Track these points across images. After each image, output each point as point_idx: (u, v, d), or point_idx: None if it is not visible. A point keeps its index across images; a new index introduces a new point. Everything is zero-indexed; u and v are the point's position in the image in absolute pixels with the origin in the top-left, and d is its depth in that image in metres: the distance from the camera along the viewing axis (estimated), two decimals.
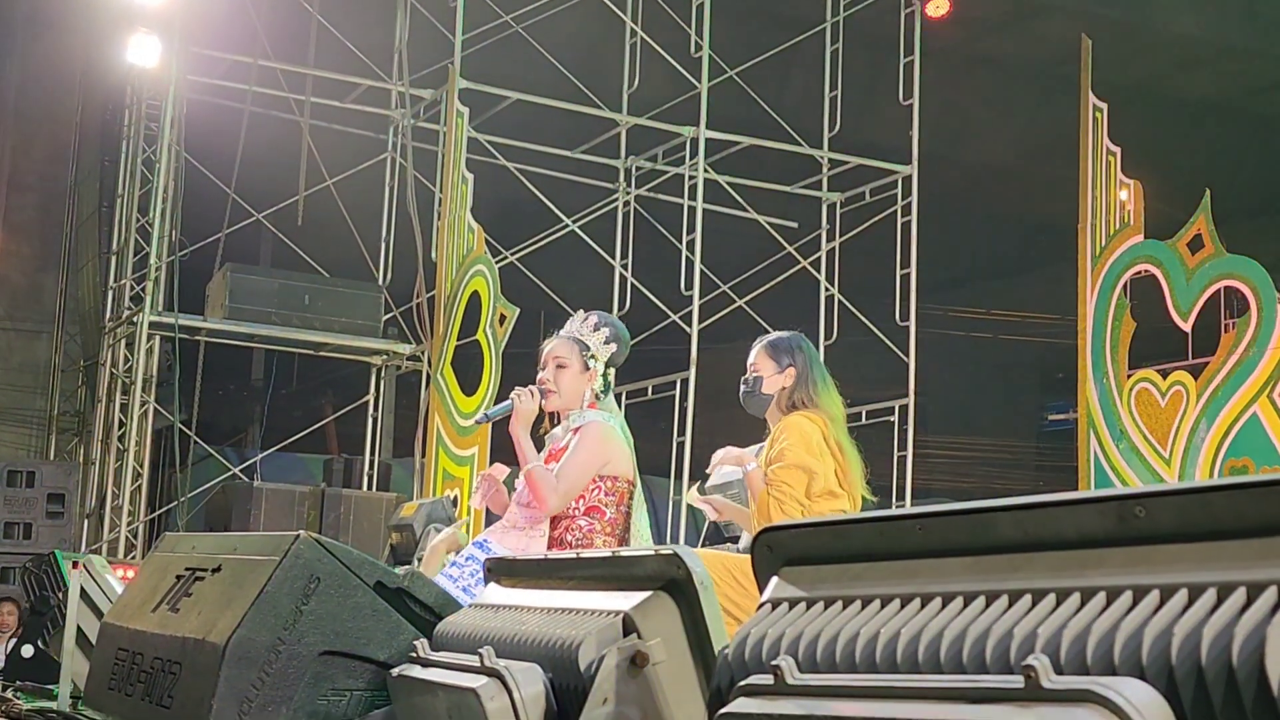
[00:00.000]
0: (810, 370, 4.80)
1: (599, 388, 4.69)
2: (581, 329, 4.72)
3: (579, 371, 4.65)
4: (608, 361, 4.69)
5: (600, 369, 4.67)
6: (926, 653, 1.37)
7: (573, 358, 4.66)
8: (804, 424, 4.64)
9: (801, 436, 4.60)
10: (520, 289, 10.21)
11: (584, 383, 4.66)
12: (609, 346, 4.69)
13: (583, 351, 4.67)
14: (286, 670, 2.58)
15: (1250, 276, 8.45)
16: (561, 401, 4.68)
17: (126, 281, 11.23)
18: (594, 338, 4.69)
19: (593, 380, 4.66)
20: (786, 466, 4.55)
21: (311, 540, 2.66)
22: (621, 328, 4.83)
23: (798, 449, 4.57)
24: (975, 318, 20.35)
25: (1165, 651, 1.17)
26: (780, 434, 4.65)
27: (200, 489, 11.20)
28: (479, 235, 9.60)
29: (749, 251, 12.17)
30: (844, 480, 4.70)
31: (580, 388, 4.65)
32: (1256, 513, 1.20)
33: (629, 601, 1.98)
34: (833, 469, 4.64)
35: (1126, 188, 9.32)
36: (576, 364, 4.66)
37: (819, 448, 4.63)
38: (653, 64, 11.79)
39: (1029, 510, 1.40)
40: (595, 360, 4.66)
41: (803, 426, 4.63)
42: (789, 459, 4.55)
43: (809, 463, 4.56)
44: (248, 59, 11.12)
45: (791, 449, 4.57)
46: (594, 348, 4.67)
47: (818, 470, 4.57)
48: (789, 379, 4.76)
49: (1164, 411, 8.74)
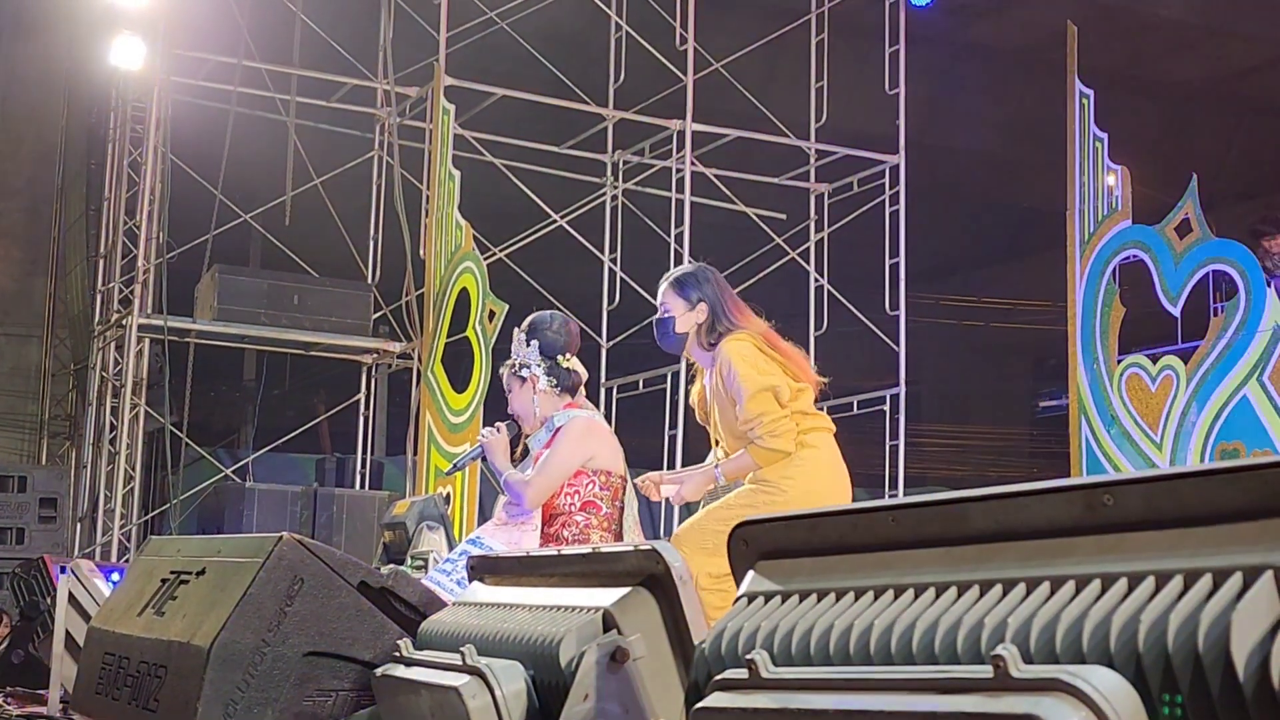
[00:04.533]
0: (722, 298, 4.75)
1: (548, 386, 4.70)
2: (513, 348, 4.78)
3: (519, 388, 4.70)
4: (544, 355, 4.70)
5: (538, 370, 4.68)
6: (898, 644, 1.38)
7: (511, 381, 4.73)
8: (738, 347, 4.60)
9: (742, 359, 4.56)
10: (509, 285, 10.20)
11: (528, 395, 4.69)
12: (531, 346, 4.70)
13: (514, 369, 4.72)
14: (271, 672, 2.58)
15: (1238, 260, 8.46)
16: (525, 422, 4.73)
17: (115, 284, 11.21)
18: (518, 349, 4.73)
19: (536, 384, 4.68)
20: (752, 399, 4.50)
21: (295, 541, 2.66)
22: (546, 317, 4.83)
23: (749, 374, 4.53)
24: (965, 306, 20.38)
25: (1132, 639, 1.18)
26: (723, 369, 4.61)
27: (193, 491, 11.18)
28: (467, 232, 9.59)
29: (738, 243, 12.16)
30: (799, 374, 4.67)
31: (527, 401, 4.69)
32: (1223, 499, 1.20)
33: (609, 598, 1.98)
34: (781, 372, 4.62)
35: (1114, 173, 9.32)
36: (515, 384, 4.72)
37: (763, 360, 4.60)
38: (638, 58, 11.78)
39: (1000, 500, 1.40)
40: (526, 368, 4.69)
41: (739, 350, 4.59)
42: (749, 389, 4.51)
43: (765, 381, 4.53)
44: (232, 60, 11.10)
45: (745, 378, 4.52)
46: (517, 358, 4.71)
47: (776, 381, 4.55)
48: (702, 314, 4.71)
49: (1155, 396, 8.75)
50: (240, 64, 11.08)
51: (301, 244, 11.78)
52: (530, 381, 4.68)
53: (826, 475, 4.59)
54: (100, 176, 12.25)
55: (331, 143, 12.11)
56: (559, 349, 4.73)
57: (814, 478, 4.55)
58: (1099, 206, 9.29)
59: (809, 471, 4.54)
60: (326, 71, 11.55)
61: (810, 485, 4.52)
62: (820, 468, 4.58)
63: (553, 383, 4.69)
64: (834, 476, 4.63)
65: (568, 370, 4.75)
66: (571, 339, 4.85)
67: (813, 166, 12.53)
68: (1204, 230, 8.61)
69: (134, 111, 11.14)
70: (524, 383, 4.70)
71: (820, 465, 4.59)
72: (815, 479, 4.55)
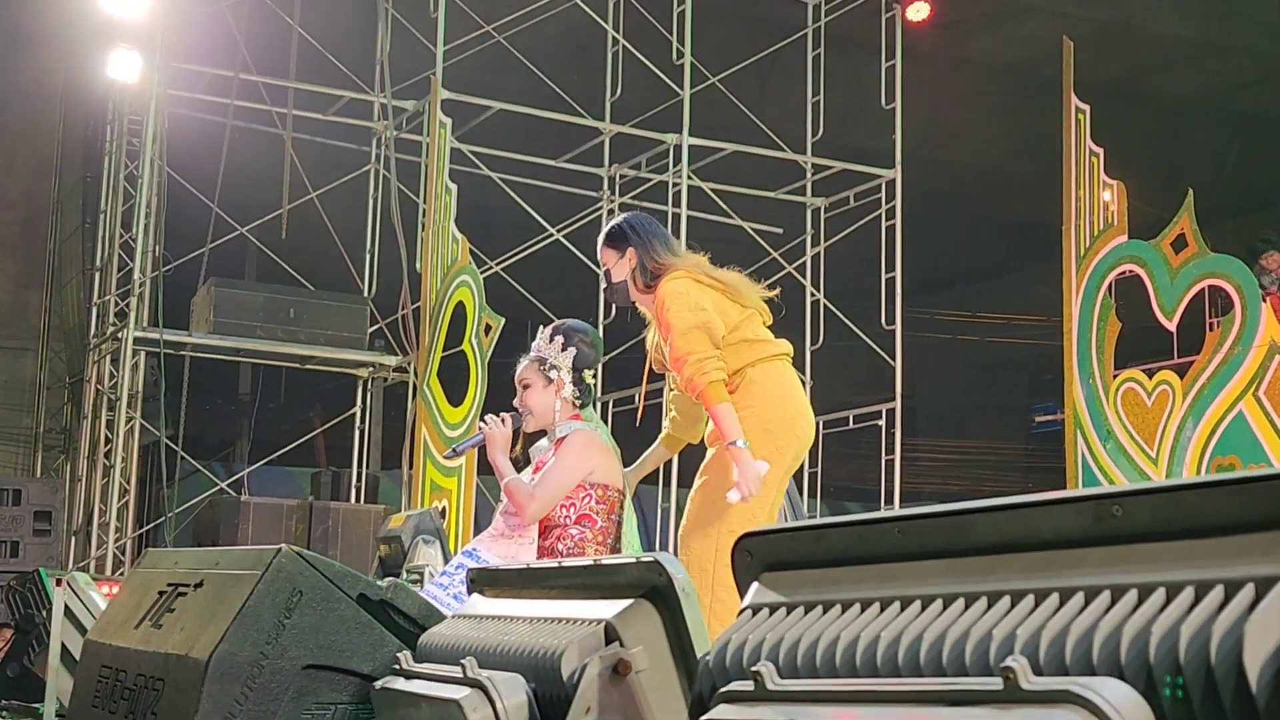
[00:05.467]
0: (649, 241, 4.76)
1: (571, 395, 4.70)
2: (539, 344, 4.75)
3: (543, 387, 4.68)
4: (575, 365, 4.70)
5: (566, 376, 4.68)
6: (906, 656, 1.37)
7: (534, 376, 4.70)
8: (670, 285, 4.58)
9: (674, 297, 4.54)
10: (506, 299, 10.20)
11: (551, 396, 4.67)
12: (567, 352, 4.70)
13: (541, 366, 4.69)
14: (270, 685, 2.57)
15: (1234, 275, 8.47)
16: (536, 421, 4.71)
17: (111, 297, 11.20)
18: (550, 349, 4.71)
19: (561, 390, 4.67)
20: (681, 336, 4.48)
21: (293, 553, 2.65)
22: (584, 328, 4.84)
23: (680, 312, 4.50)
24: (961, 320, 20.39)
25: (1143, 650, 1.17)
26: (658, 313, 4.60)
27: (188, 504, 11.16)
28: (463, 245, 9.58)
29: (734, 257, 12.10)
30: (740, 299, 4.65)
31: (549, 402, 4.67)
32: (1232, 510, 1.19)
33: (611, 610, 1.97)
34: (723, 300, 4.59)
35: (1110, 188, 9.33)
36: (539, 380, 4.69)
37: (697, 292, 4.57)
38: (635, 71, 11.79)
39: (1006, 511, 1.39)
40: (556, 370, 4.68)
41: (671, 288, 4.57)
42: (677, 327, 4.48)
43: (696, 319, 4.49)
44: (229, 73, 11.10)
45: (674, 315, 4.50)
46: (550, 358, 4.69)
47: (711, 317, 4.51)
48: (632, 259, 4.73)
49: (1150, 411, 8.75)
50: (237, 77, 11.09)
51: (298, 257, 11.78)
52: (557, 385, 4.68)
53: (779, 409, 4.53)
54: (96, 189, 12.24)
55: (328, 156, 12.11)
56: (588, 363, 4.75)
57: (767, 414, 4.49)
58: (1095, 221, 9.30)
59: (760, 411, 4.49)
60: (323, 85, 11.55)
61: (765, 422, 4.46)
62: (770, 403, 4.51)
63: (575, 394, 4.70)
64: (785, 408, 4.54)
65: (589, 386, 4.76)
66: (598, 356, 4.88)
67: (809, 181, 12.55)
68: (1200, 245, 8.62)
69: (130, 124, 11.14)
70: (550, 384, 4.68)
71: (769, 400, 4.51)
72: (768, 415, 4.49)
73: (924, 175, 13.22)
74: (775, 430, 4.48)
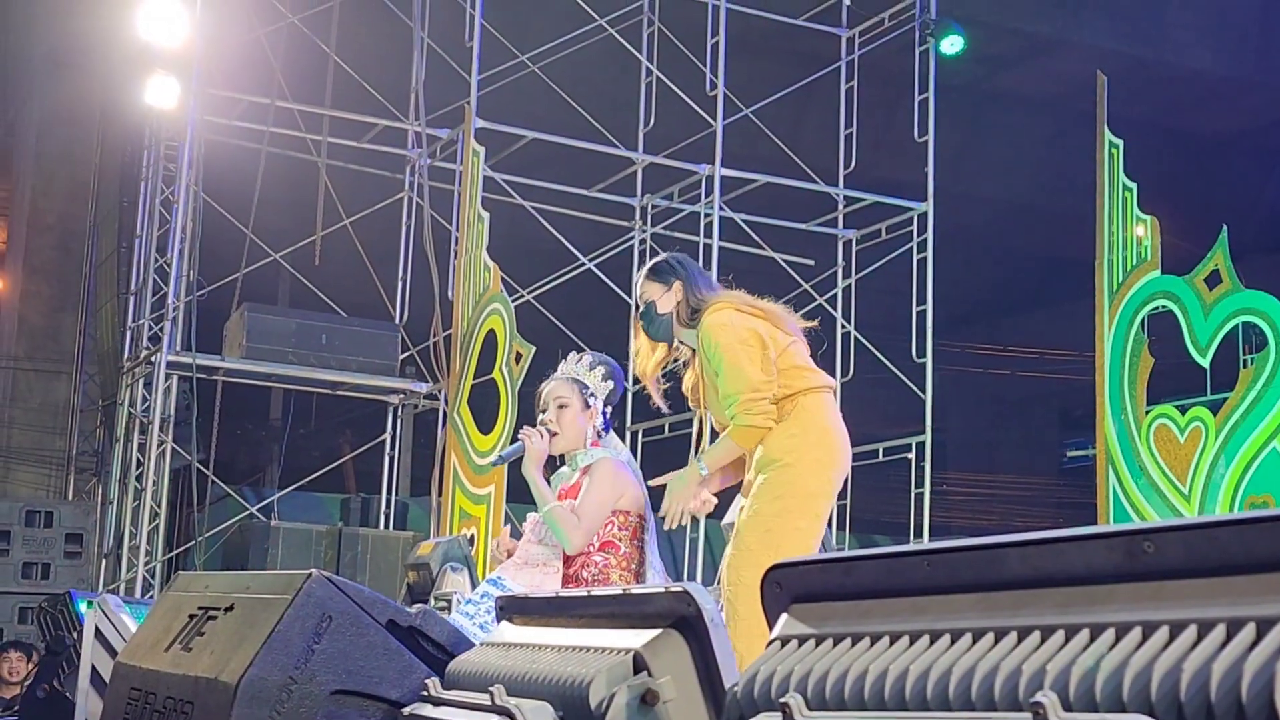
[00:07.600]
0: (695, 276, 4.79)
1: (599, 425, 4.73)
2: (578, 369, 4.77)
3: (580, 410, 4.70)
4: (605, 399, 4.74)
5: (600, 406, 4.71)
6: (935, 689, 1.37)
7: (573, 397, 4.71)
8: (714, 317, 4.60)
9: (721, 329, 4.56)
10: (537, 327, 10.22)
11: (586, 421, 4.69)
12: (606, 384, 4.74)
13: (583, 390, 4.72)
14: (298, 709, 2.57)
15: (1268, 312, 8.42)
16: (565, 443, 4.73)
17: (145, 321, 11.27)
18: (591, 376, 4.74)
19: (594, 419, 4.70)
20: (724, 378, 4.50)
21: (324, 579, 2.66)
22: (615, 366, 4.88)
23: (730, 345, 4.52)
24: (992, 354, 20.32)
25: (1174, 688, 1.16)
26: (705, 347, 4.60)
27: (218, 528, 11.20)
28: (495, 274, 9.61)
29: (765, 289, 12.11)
30: (784, 326, 4.66)
31: (583, 426, 4.69)
32: (1265, 547, 1.19)
33: (639, 639, 1.97)
34: (769, 326, 4.61)
35: (1143, 223, 9.30)
36: (577, 403, 4.71)
37: (741, 320, 4.59)
38: (668, 103, 11.83)
39: (1037, 546, 1.39)
40: (595, 398, 4.70)
41: (716, 320, 4.59)
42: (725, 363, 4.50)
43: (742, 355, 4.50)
44: (265, 100, 11.18)
45: (725, 349, 4.52)
46: (593, 385, 4.72)
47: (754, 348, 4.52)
48: (678, 293, 4.74)
49: (1183, 448, 8.69)
50: (273, 104, 11.16)
51: (330, 284, 11.84)
52: (593, 412, 4.71)
53: (828, 440, 4.54)
54: (132, 214, 12.33)
55: (362, 183, 12.18)
56: (615, 400, 4.81)
57: (819, 446, 4.51)
58: (1128, 256, 9.27)
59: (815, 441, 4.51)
60: (358, 112, 11.62)
61: (818, 453, 4.49)
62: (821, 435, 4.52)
63: (600, 425, 4.74)
64: (834, 440, 4.57)
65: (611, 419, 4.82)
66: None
67: (841, 213, 12.55)
68: (1234, 281, 8.58)
69: (167, 150, 11.23)
70: (587, 409, 4.71)
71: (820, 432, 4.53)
72: (820, 447, 4.51)
73: (956, 208, 13.20)
74: (826, 463, 4.51)
